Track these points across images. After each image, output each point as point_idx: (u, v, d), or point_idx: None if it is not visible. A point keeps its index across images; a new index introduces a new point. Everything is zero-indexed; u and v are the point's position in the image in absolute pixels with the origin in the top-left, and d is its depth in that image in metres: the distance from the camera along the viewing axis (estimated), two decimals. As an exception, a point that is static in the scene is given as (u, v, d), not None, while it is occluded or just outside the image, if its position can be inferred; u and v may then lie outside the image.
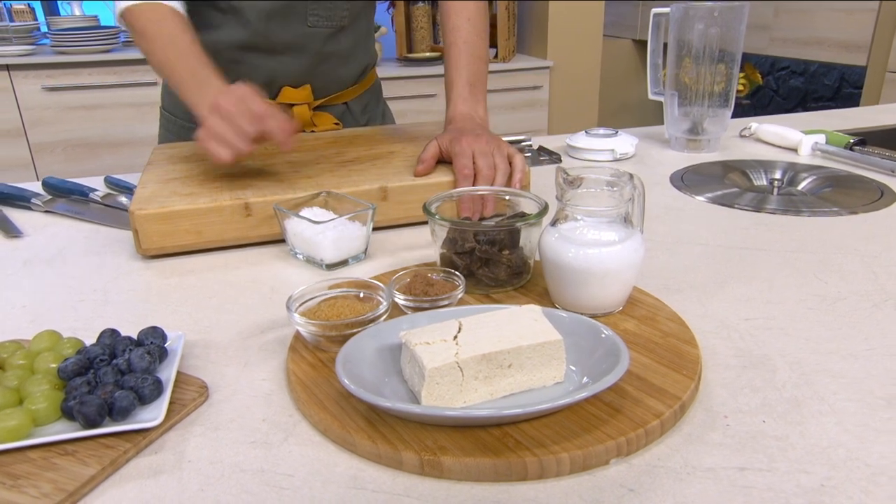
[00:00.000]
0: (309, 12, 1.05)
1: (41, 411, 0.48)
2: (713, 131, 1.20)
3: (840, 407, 0.51)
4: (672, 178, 1.06)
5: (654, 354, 0.55)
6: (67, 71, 2.52)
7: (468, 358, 0.47)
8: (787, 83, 3.52)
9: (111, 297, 0.71)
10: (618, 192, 0.59)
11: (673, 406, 0.49)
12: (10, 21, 2.83)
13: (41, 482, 0.44)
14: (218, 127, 0.79)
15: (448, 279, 0.64)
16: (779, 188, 1.03)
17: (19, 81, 2.48)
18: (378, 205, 0.84)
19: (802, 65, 3.41)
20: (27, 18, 2.94)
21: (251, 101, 0.79)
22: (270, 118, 0.79)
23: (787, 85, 3.52)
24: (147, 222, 0.78)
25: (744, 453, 0.46)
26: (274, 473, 0.46)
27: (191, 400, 0.52)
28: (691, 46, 1.16)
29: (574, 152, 1.20)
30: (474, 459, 0.44)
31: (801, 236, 0.83)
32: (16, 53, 2.49)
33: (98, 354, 0.53)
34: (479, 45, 1.02)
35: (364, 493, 0.44)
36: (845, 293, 0.68)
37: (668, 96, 1.22)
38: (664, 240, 0.83)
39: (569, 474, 0.45)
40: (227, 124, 0.78)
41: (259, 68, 1.07)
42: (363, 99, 1.23)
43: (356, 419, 0.48)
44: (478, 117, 0.98)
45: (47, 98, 2.51)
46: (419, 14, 3.05)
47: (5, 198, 1.00)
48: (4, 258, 0.81)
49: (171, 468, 0.46)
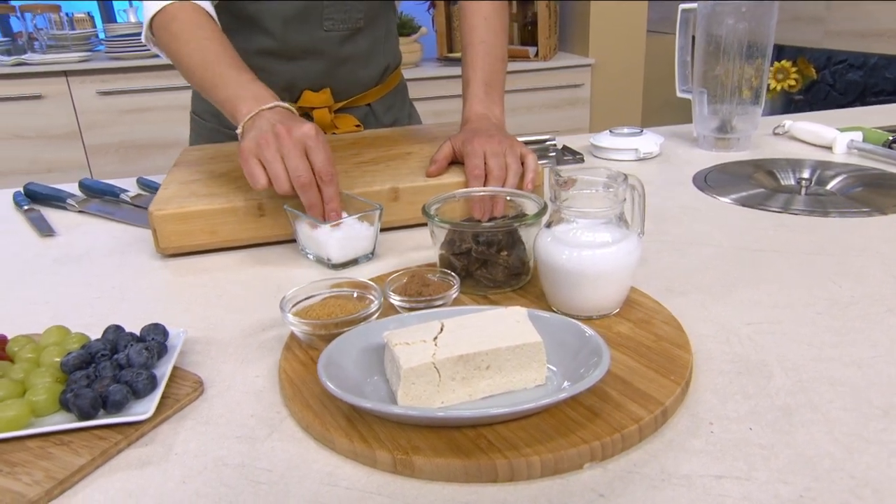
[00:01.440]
0: (324, 16, 1.07)
1: (41, 403, 0.50)
2: (743, 129, 1.17)
3: (833, 416, 0.49)
4: (695, 178, 1.04)
5: (643, 358, 0.54)
6: (120, 76, 2.62)
7: (444, 359, 0.48)
8: (845, 77, 3.37)
9: (127, 294, 0.74)
10: (612, 194, 0.59)
11: (654, 411, 0.48)
12: (72, 29, 2.97)
13: (35, 470, 0.46)
14: (268, 153, 0.75)
15: (444, 280, 0.64)
16: (807, 188, 1.00)
17: (76, 86, 2.59)
18: (389, 205, 0.86)
19: (861, 58, 3.27)
20: (86, 26, 3.07)
21: (316, 149, 0.76)
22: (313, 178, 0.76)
23: (844, 79, 3.38)
24: (165, 222, 0.81)
25: (724, 461, 0.45)
26: (254, 468, 0.47)
27: (185, 395, 0.54)
28: (720, 43, 1.13)
29: (598, 152, 1.18)
30: (445, 460, 0.44)
31: (823, 238, 0.80)
32: (73, 60, 2.61)
33: (100, 349, 0.55)
34: (497, 45, 1.02)
35: (337, 490, 0.45)
36: (859, 297, 0.66)
37: (696, 94, 1.19)
38: (676, 241, 0.81)
39: (540, 477, 0.45)
40: (278, 157, 0.75)
41: (279, 73, 1.09)
42: (387, 100, 1.24)
43: (337, 417, 0.49)
44: (493, 117, 0.97)
45: (101, 102, 2.62)
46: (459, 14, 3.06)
47: (43, 198, 1.05)
48: (36, 256, 0.86)
49: (158, 460, 0.48)
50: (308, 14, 1.06)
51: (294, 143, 0.75)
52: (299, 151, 0.75)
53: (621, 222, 0.60)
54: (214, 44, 0.89)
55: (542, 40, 2.98)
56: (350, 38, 1.11)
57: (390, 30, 1.21)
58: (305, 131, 0.76)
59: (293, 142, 0.75)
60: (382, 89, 1.22)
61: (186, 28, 0.91)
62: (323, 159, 0.75)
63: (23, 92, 2.55)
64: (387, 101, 1.24)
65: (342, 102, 1.16)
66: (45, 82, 2.57)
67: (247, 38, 1.07)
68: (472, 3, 1.03)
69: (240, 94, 0.82)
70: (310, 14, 1.06)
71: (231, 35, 1.07)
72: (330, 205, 0.76)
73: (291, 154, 0.74)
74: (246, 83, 0.84)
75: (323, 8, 1.06)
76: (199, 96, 1.21)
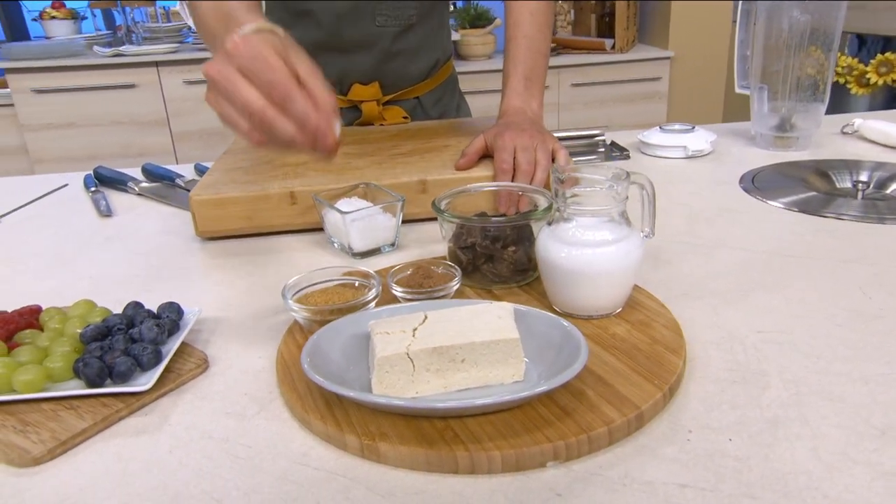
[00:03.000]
0: (377, 12, 1.08)
1: (56, 369, 0.55)
2: (804, 128, 1.11)
3: (823, 432, 0.47)
4: (742, 179, 1.00)
5: (632, 361, 0.53)
6: (205, 66, 2.75)
7: (419, 350, 0.49)
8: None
9: (163, 273, 0.79)
10: (613, 192, 0.58)
11: (628, 415, 0.47)
12: (167, 22, 3.14)
13: (43, 430, 0.50)
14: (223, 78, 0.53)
15: (448, 272, 0.65)
16: (863, 192, 0.94)
17: (165, 76, 2.74)
18: (417, 197, 0.87)
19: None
20: (180, 19, 3.24)
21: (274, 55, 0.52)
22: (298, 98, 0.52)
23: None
24: (202, 207, 0.85)
25: (693, 471, 0.44)
26: (236, 443, 0.50)
27: (188, 370, 0.57)
28: (781, 36, 1.08)
29: (646, 148, 1.15)
30: (408, 448, 0.45)
31: (867, 245, 0.76)
32: (164, 51, 2.76)
33: (116, 323, 0.59)
34: (540, 40, 1.01)
35: (306, 470, 0.47)
36: (887, 311, 0.62)
37: (755, 90, 1.14)
38: (705, 243, 0.79)
39: (501, 472, 0.45)
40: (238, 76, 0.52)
41: (330, 66, 1.12)
42: (436, 93, 1.25)
43: (318, 401, 0.51)
44: (530, 111, 0.97)
45: (187, 91, 2.76)
46: (536, 5, 3.02)
47: (109, 181, 1.12)
48: (92, 234, 0.92)
49: (153, 429, 0.52)
50: (361, 9, 1.08)
51: (253, 51, 0.52)
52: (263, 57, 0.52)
53: (623, 221, 0.59)
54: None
55: (620, 32, 2.91)
56: (402, 34, 1.12)
57: (442, 24, 1.22)
58: (266, 37, 0.55)
59: (251, 50, 0.52)
60: (431, 83, 1.24)
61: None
62: (306, 61, 0.55)
63: (118, 81, 2.72)
64: (435, 94, 1.25)
65: (390, 96, 1.18)
66: (138, 72, 2.73)
67: (301, 31, 1.11)
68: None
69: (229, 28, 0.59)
70: (362, 9, 1.08)
71: (286, 28, 1.11)
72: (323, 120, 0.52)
73: (253, 62, 0.52)
74: (244, 15, 0.67)
75: (375, 5, 1.08)
76: None
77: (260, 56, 0.52)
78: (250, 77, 0.52)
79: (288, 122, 0.52)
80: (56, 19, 3.18)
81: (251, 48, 0.53)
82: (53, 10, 3.21)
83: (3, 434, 0.50)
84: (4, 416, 0.52)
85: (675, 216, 0.87)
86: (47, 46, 2.81)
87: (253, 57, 0.52)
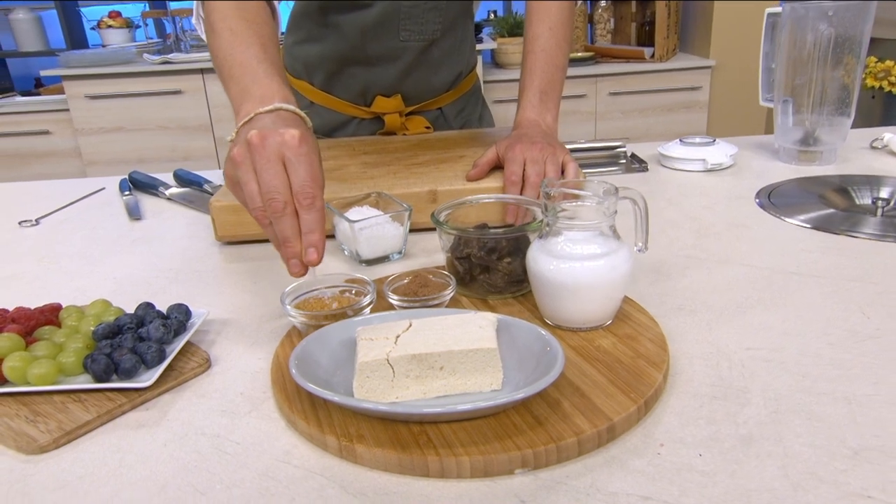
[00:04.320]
0: (401, 27, 1.11)
1: (69, 364, 0.58)
2: (829, 142, 1.09)
3: (795, 451, 0.47)
4: (759, 194, 0.99)
5: (612, 374, 0.54)
6: (249, 73, 2.83)
7: (398, 357, 0.51)
8: None
9: (180, 275, 0.83)
10: (601, 207, 0.59)
11: (599, 427, 0.48)
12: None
13: (51, 420, 0.54)
14: (241, 171, 0.61)
15: (444, 282, 0.67)
16: (883, 209, 0.92)
17: (210, 83, 2.84)
18: (427, 207, 0.89)
19: None
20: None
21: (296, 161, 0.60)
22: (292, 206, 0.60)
23: None
24: (222, 213, 0.89)
25: (658, 484, 0.45)
26: (226, 440, 0.52)
27: (190, 369, 0.61)
28: (806, 48, 1.06)
29: (665, 161, 1.15)
30: (383, 451, 0.47)
31: (874, 264, 0.74)
32: (209, 59, 2.84)
33: (126, 323, 0.63)
34: (557, 55, 1.02)
35: (288, 467, 0.49)
36: (884, 332, 0.61)
37: (779, 103, 1.12)
38: (710, 258, 0.78)
39: (471, 478, 0.46)
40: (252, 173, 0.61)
41: (355, 77, 1.15)
42: (458, 104, 1.27)
43: (303, 402, 0.53)
44: (544, 124, 0.98)
45: (231, 97, 2.85)
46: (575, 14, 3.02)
47: (142, 185, 1.18)
48: (121, 236, 0.97)
49: (151, 424, 0.55)
50: (386, 24, 1.11)
51: (268, 156, 0.60)
52: (274, 165, 0.60)
53: (612, 236, 0.60)
54: (248, 32, 0.76)
55: (660, 41, 2.89)
56: (426, 48, 1.14)
57: (466, 37, 1.24)
58: (284, 139, 0.61)
59: (267, 153, 0.60)
60: (454, 94, 1.26)
61: (228, 13, 0.78)
62: (303, 175, 0.60)
63: (166, 87, 2.83)
64: (458, 104, 1.27)
65: (412, 107, 1.21)
66: (184, 79, 2.83)
67: (328, 44, 1.14)
68: (539, 11, 1.03)
69: (247, 92, 0.69)
70: (387, 24, 1.11)
71: (316, 41, 1.15)
72: (309, 237, 0.59)
73: (264, 169, 0.60)
74: (261, 78, 0.70)
75: (400, 19, 1.11)
76: None
77: (270, 165, 0.60)
78: (259, 176, 0.60)
79: (273, 234, 0.62)
80: (112, 28, 3.33)
81: (267, 151, 0.61)
82: (110, 19, 3.36)
83: (15, 423, 0.54)
84: (19, 405, 0.56)
85: (684, 230, 0.87)
86: (101, 55, 2.93)
87: (266, 161, 0.60)
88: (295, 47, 1.20)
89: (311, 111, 1.22)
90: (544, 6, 1.03)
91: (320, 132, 1.24)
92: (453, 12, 1.14)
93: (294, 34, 1.20)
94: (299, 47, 1.19)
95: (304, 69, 1.20)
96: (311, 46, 1.16)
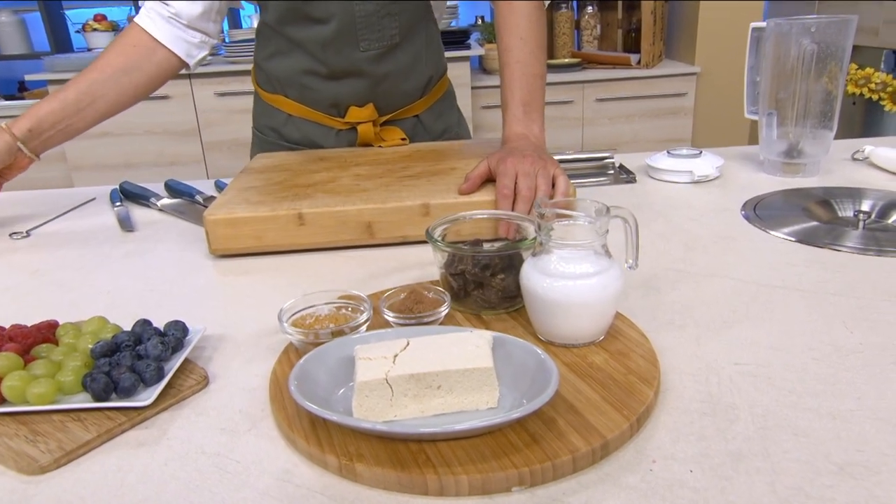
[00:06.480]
0: (360, 38, 1.11)
1: (67, 383, 0.59)
2: (812, 154, 1.12)
3: (783, 467, 0.49)
4: (745, 206, 1.01)
5: (605, 391, 0.56)
6: (236, 78, 2.83)
7: (397, 376, 0.52)
8: None
9: (174, 289, 0.83)
10: (593, 226, 0.60)
11: (593, 444, 0.49)
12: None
13: (51, 440, 0.54)
14: None
15: (439, 298, 0.68)
16: (864, 221, 0.94)
17: (197, 88, 2.83)
18: (420, 220, 0.90)
19: None
20: (214, 30, 3.34)
21: None
22: None
23: None
24: (216, 226, 0.89)
25: (651, 500, 0.46)
26: (227, 458, 0.53)
27: (189, 387, 0.61)
28: (789, 62, 1.09)
29: (653, 172, 1.17)
30: (382, 470, 0.48)
31: (856, 278, 0.76)
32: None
33: (124, 340, 0.63)
34: (533, 63, 1.03)
35: (288, 486, 0.50)
36: (866, 346, 0.63)
37: (763, 115, 1.15)
38: (698, 271, 0.80)
39: (468, 495, 0.48)
40: None
41: (325, 91, 1.17)
42: (435, 109, 1.28)
43: (303, 420, 0.54)
44: (532, 136, 0.99)
45: (218, 102, 2.85)
46: (562, 20, 3.05)
47: (133, 196, 1.18)
48: (113, 249, 0.97)
49: (151, 443, 0.55)
50: (344, 36, 1.11)
51: None
52: None
53: (604, 254, 0.61)
54: (74, 84, 1.11)
55: (646, 47, 2.92)
56: (388, 55, 1.15)
57: (431, 42, 1.23)
58: None
59: None
60: (428, 100, 1.26)
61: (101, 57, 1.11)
62: None
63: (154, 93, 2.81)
64: (435, 110, 1.28)
65: (387, 116, 1.22)
66: (171, 84, 2.78)
67: (295, 60, 1.16)
68: (508, 21, 1.04)
69: None
70: (345, 36, 1.11)
71: (282, 55, 1.16)
72: None
73: None
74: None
75: (357, 30, 1.11)
76: (258, 112, 1.30)
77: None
78: None
79: None
80: (97, 31, 3.31)
81: None
82: (95, 22, 3.34)
83: (15, 443, 0.54)
84: (18, 425, 0.56)
85: (672, 242, 0.89)
86: (86, 59, 2.91)
87: None
88: (265, 63, 1.22)
89: (289, 123, 1.23)
90: (510, 16, 1.04)
91: (302, 144, 1.25)
92: (409, 16, 1.14)
93: (263, 50, 1.21)
94: (268, 63, 1.20)
95: (278, 83, 1.22)
96: (280, 61, 1.18)
